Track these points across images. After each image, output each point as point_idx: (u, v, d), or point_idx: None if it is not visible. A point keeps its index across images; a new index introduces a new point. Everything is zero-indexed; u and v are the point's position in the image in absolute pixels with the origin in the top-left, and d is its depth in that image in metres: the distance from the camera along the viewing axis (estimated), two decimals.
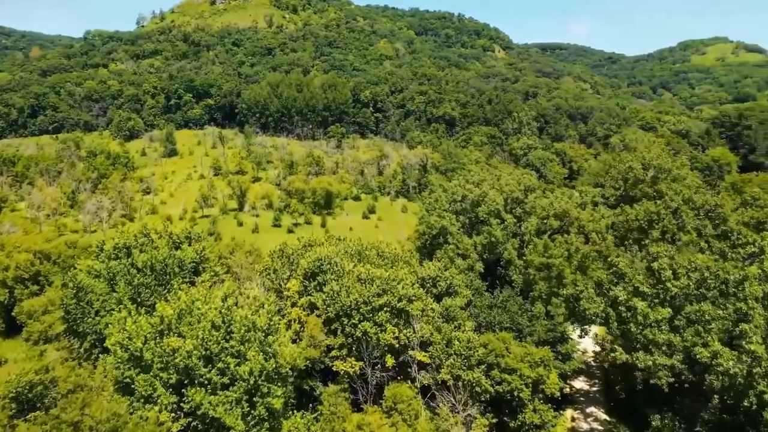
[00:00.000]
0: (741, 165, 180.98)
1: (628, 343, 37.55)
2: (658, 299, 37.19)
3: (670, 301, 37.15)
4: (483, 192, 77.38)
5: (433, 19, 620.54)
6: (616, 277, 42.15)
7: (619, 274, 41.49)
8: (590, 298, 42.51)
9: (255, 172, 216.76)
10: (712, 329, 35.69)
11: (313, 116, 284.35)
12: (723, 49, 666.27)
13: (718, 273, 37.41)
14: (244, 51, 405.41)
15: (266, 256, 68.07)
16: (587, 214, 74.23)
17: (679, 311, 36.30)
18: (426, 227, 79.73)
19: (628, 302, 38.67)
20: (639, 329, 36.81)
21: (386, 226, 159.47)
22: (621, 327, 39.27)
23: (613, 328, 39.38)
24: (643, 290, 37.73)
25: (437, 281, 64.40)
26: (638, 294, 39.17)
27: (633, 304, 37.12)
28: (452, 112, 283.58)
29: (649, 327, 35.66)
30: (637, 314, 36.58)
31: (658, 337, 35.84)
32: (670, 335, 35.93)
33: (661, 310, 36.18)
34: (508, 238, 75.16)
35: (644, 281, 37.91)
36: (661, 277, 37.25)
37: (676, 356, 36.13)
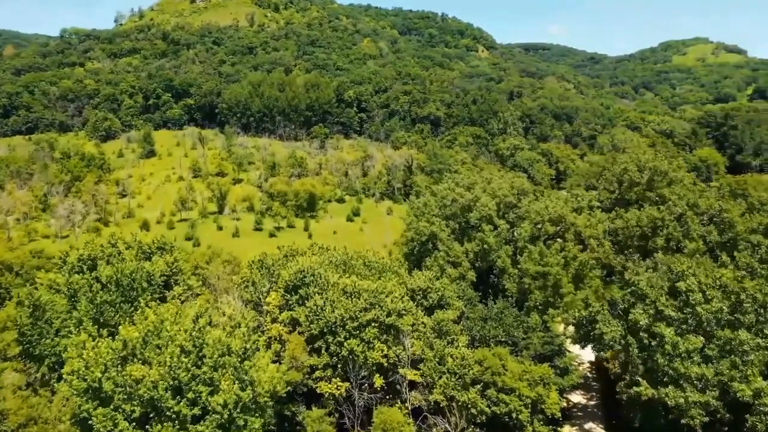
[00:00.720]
0: (728, 165, 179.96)
1: (653, 376, 33.69)
2: (685, 324, 33.30)
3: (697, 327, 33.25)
4: (474, 196, 73.51)
5: (416, 19, 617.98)
6: (634, 297, 38.37)
7: (638, 294, 37.77)
8: (607, 320, 38.74)
9: (236, 173, 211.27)
10: (752, 361, 31.92)
11: (296, 116, 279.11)
12: (703, 50, 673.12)
13: (755, 295, 33.62)
14: (225, 50, 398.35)
15: (244, 266, 63.39)
16: (583, 219, 70.71)
17: (710, 339, 32.51)
18: (414, 233, 75.65)
19: (651, 328, 34.81)
20: (667, 360, 32.74)
21: (371, 229, 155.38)
22: (642, 354, 35.41)
23: (634, 355, 35.57)
24: (669, 314, 33.90)
25: (428, 293, 60.40)
26: (662, 318, 35.06)
27: (659, 330, 33.32)
28: (437, 112, 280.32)
29: (679, 358, 31.68)
30: (665, 343, 32.67)
31: (690, 371, 31.83)
32: (704, 368, 31.97)
33: (692, 339, 32.18)
34: (501, 244, 71.36)
35: (669, 304, 34.18)
36: (689, 299, 33.53)
37: (710, 392, 32.20)
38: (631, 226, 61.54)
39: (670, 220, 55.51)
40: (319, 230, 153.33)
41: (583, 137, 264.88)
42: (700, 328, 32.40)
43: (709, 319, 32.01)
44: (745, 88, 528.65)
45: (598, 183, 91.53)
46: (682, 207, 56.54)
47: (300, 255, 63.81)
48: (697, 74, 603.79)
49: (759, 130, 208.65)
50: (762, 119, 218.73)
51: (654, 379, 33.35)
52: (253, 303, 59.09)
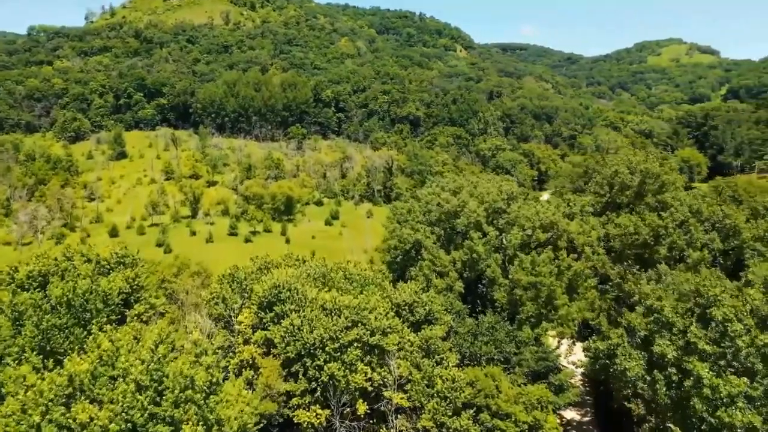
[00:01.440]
0: (710, 166, 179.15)
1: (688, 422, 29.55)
2: (724, 360, 29.21)
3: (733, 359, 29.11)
4: (461, 201, 69.30)
5: (394, 18, 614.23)
6: (657, 325, 34.28)
7: (662, 321, 33.65)
8: (627, 353, 34.72)
9: (210, 175, 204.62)
10: None
11: (273, 116, 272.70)
12: (677, 50, 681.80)
13: None
14: (200, 48, 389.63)
15: (215, 280, 58.19)
16: (576, 225, 66.96)
17: (752, 377, 28.49)
18: (398, 241, 71.16)
19: (681, 363, 30.66)
20: (705, 406, 28.46)
21: (351, 233, 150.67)
22: (670, 393, 31.32)
23: (661, 394, 31.47)
24: (702, 347, 29.80)
25: (414, 307, 55.95)
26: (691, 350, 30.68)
27: (692, 367, 29.12)
28: (416, 112, 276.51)
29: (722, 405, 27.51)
30: (703, 386, 28.47)
31: (735, 419, 27.64)
32: (750, 414, 27.76)
33: (734, 380, 28.13)
34: (490, 253, 67.25)
35: (701, 335, 30.15)
36: (726, 330, 29.53)
37: None
38: (628, 233, 57.84)
39: (673, 228, 51.94)
40: (297, 235, 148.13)
41: (563, 137, 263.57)
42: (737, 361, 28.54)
43: (750, 353, 28.13)
44: (718, 89, 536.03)
45: (587, 186, 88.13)
46: (683, 213, 53.01)
47: (275, 267, 58.87)
48: (671, 74, 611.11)
49: (739, 130, 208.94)
50: (742, 119, 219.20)
51: (690, 426, 29.24)
52: (224, 321, 54.07)
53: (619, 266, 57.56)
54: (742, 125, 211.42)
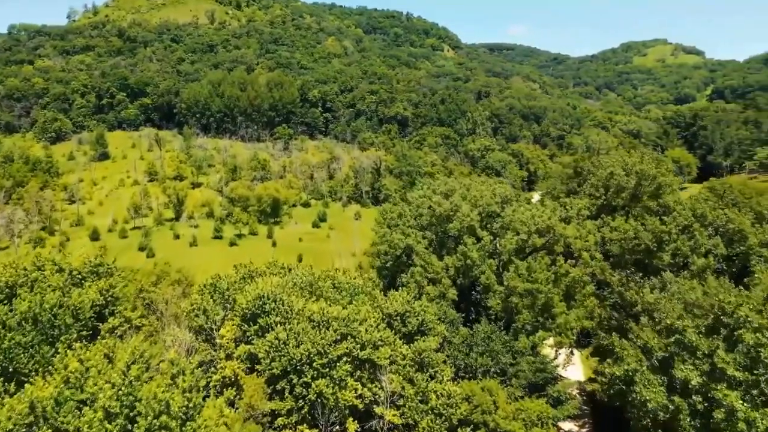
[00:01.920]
0: (699, 166, 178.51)
1: None
2: (756, 389, 26.81)
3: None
4: (454, 205, 66.73)
5: (381, 18, 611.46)
6: (679, 347, 31.78)
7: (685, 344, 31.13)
8: (647, 381, 32.17)
9: (195, 177, 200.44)
10: None
11: (258, 116, 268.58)
12: (663, 51, 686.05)
13: None
14: (184, 48, 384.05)
15: (195, 290, 55.00)
16: (573, 230, 64.68)
17: None
18: (388, 246, 68.43)
19: (708, 391, 28.22)
20: None
21: (338, 235, 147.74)
22: (695, 423, 28.74)
23: (685, 424, 28.98)
24: (732, 374, 27.32)
25: (406, 317, 53.24)
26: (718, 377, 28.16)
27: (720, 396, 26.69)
28: (404, 112, 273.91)
29: None
30: (736, 419, 26.05)
31: None
32: None
33: None
34: (485, 258, 64.76)
35: (730, 360, 27.78)
36: (759, 356, 27.12)
37: None
38: (628, 238, 55.58)
39: (677, 234, 49.76)
40: (284, 237, 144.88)
41: (552, 137, 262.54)
42: None
43: None
44: (704, 89, 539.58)
45: (582, 188, 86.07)
46: (687, 217, 50.86)
47: (259, 276, 55.90)
48: (657, 75, 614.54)
49: (728, 130, 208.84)
50: (730, 119, 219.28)
51: None
52: (205, 334, 50.99)
53: (620, 273, 55.29)
54: (731, 125, 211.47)
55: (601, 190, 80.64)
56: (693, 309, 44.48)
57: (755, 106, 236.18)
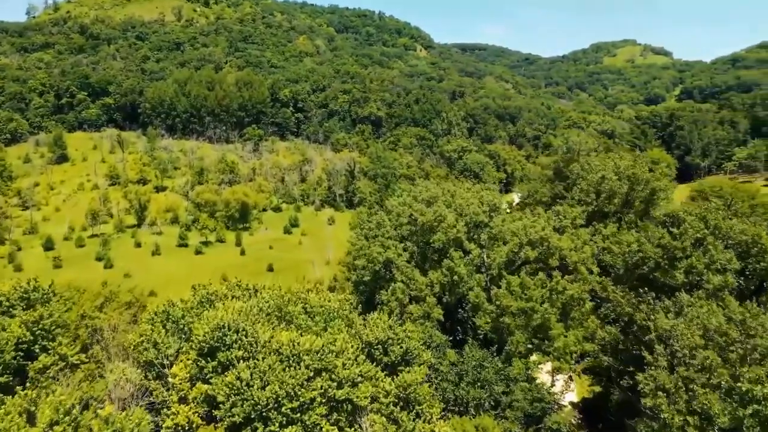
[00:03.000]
0: (678, 167, 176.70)
1: None
2: None
3: None
4: (438, 215, 60.71)
5: (353, 17, 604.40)
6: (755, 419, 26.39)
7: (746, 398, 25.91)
8: None
9: (159, 180, 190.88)
10: None
11: (227, 117, 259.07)
12: (632, 51, 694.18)
13: None
14: (150, 45, 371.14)
15: (144, 318, 47.67)
16: (567, 241, 59.33)
17: None
18: (366, 261, 62.06)
19: None
20: None
21: (311, 242, 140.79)
22: None
23: None
24: None
25: (388, 346, 46.96)
26: None
27: None
28: (378, 112, 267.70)
29: None
30: None
31: None
32: None
33: None
34: (473, 273, 58.94)
35: None
36: None
37: None
38: (631, 251, 50.27)
39: (691, 249, 44.58)
40: (253, 244, 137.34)
41: (528, 138, 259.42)
42: None
43: None
44: (673, 89, 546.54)
45: (570, 192, 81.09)
46: (699, 229, 45.73)
47: (220, 300, 48.94)
48: (627, 75, 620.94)
49: (705, 130, 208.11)
50: (707, 119, 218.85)
51: None
52: (156, 371, 43.92)
53: (623, 290, 49.92)
54: (708, 126, 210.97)
55: (592, 196, 75.73)
56: (715, 336, 39.28)
57: (730, 106, 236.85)
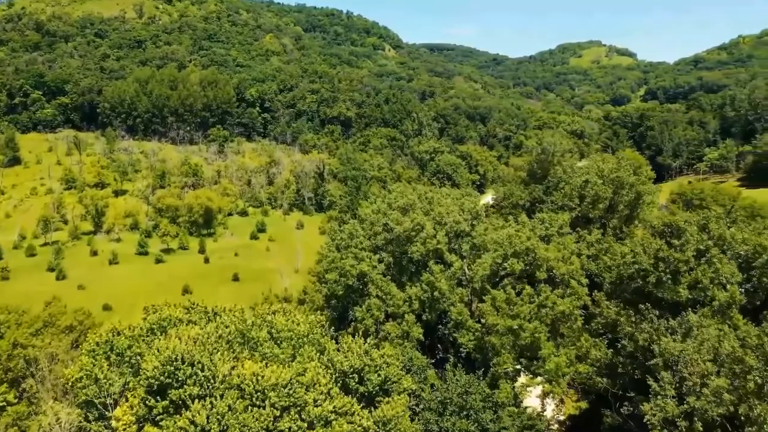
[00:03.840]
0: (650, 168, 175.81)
1: None
2: None
3: None
4: (416, 224, 56.10)
5: (321, 16, 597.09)
6: None
7: None
8: None
9: (118, 184, 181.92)
10: None
11: (191, 117, 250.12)
12: (597, 52, 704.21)
13: None
14: (109, 43, 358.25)
15: (84, 350, 41.56)
16: (554, 250, 55.33)
17: None
18: (338, 275, 57.06)
19: None
20: None
21: (279, 248, 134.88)
22: None
23: None
24: None
25: (365, 373, 42.09)
26: None
27: None
28: (347, 112, 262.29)
29: None
30: None
31: None
32: None
33: None
34: (454, 287, 54.50)
35: None
36: None
37: None
38: (626, 262, 46.46)
39: (695, 262, 40.92)
40: (218, 252, 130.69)
41: (499, 138, 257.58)
42: None
43: None
44: (637, 89, 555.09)
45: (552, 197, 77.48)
46: (702, 240, 42.13)
47: (174, 325, 43.26)
48: (593, 76, 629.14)
49: (675, 131, 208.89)
50: (677, 120, 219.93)
51: None
52: (98, 412, 38.14)
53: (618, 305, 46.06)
54: (678, 126, 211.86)
55: (576, 200, 72.15)
56: (728, 362, 35.59)
57: (698, 107, 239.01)
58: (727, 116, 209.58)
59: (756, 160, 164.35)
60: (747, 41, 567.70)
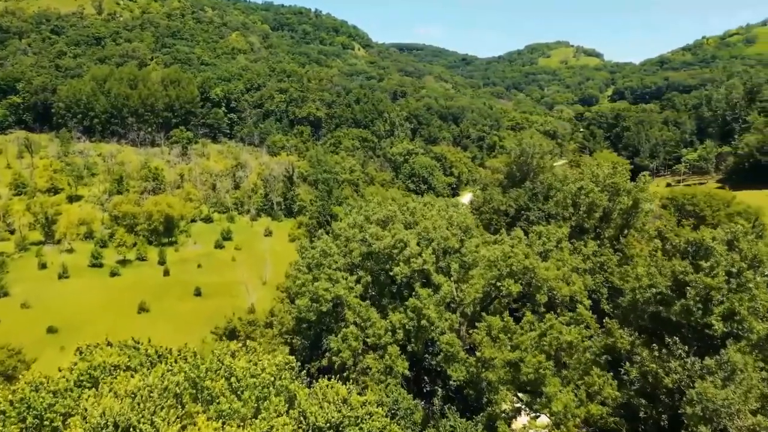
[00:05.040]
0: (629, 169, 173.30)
1: None
2: None
3: None
4: (399, 241, 49.29)
5: (289, 14, 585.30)
6: None
7: None
8: None
9: (73, 189, 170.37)
10: None
11: (152, 117, 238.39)
12: (565, 53, 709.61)
13: None
14: (66, 40, 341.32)
15: None
16: (553, 268, 49.17)
17: None
18: (309, 300, 49.85)
19: None
20: None
21: (246, 257, 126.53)
22: None
23: None
24: None
25: (344, 427, 35.11)
26: None
27: None
28: (317, 112, 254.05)
29: None
30: None
31: None
32: None
33: None
34: (443, 313, 47.86)
35: None
36: None
37: None
38: (641, 287, 40.47)
39: (727, 289, 35.15)
40: (179, 263, 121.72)
41: (472, 139, 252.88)
42: None
43: None
44: (605, 90, 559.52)
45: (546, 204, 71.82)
46: (730, 260, 36.43)
47: (110, 373, 35.51)
48: (561, 76, 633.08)
49: (652, 131, 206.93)
50: (653, 120, 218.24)
51: None
52: None
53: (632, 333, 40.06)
54: (654, 126, 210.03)
55: (570, 209, 66.45)
56: None
57: (672, 107, 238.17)
58: (703, 116, 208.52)
59: (737, 161, 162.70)
60: (710, 42, 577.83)
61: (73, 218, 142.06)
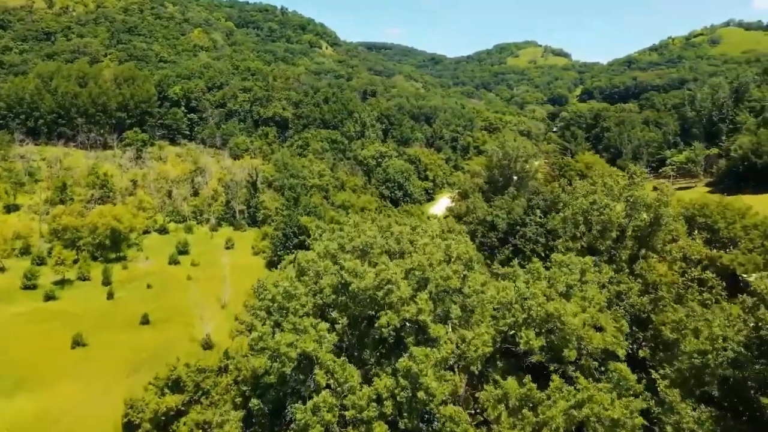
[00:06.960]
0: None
1: None
2: None
3: None
4: (383, 280, 38.11)
5: (254, 12, 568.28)
6: None
7: None
8: None
9: (11, 197, 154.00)
10: None
11: (104, 118, 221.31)
12: (534, 53, 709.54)
13: None
14: (13, 35, 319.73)
15: None
16: (578, 310, 38.65)
17: None
18: (269, 358, 38.28)
19: None
20: None
21: (204, 274, 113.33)
22: None
23: None
24: None
25: None
26: None
27: None
28: (283, 112, 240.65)
29: None
30: None
31: None
32: None
33: None
34: (443, 378, 36.81)
35: None
36: None
37: None
38: (716, 348, 30.27)
39: None
40: (127, 283, 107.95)
41: (446, 139, 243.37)
42: None
43: None
44: (574, 89, 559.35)
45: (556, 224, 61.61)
46: None
47: None
48: (530, 75, 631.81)
49: (633, 131, 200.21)
50: (634, 120, 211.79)
51: None
52: None
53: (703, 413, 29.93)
54: (636, 126, 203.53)
55: (582, 228, 56.34)
56: None
57: (651, 106, 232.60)
58: (686, 116, 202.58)
59: (730, 164, 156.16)
60: (676, 42, 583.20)
61: (7, 232, 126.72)
